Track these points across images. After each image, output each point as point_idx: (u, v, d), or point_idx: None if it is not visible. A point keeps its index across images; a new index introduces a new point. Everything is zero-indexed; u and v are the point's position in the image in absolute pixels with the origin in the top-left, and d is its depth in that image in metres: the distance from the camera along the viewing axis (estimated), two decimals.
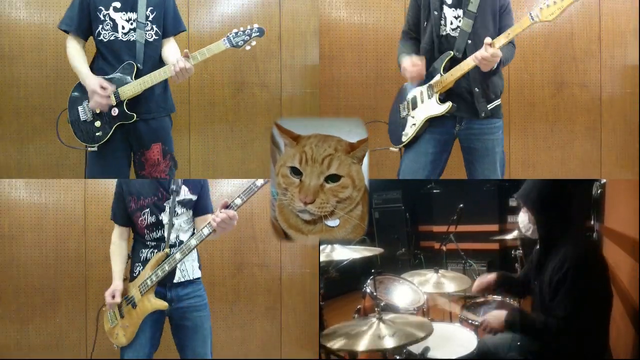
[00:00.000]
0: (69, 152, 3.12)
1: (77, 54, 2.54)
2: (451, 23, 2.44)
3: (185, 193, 2.32)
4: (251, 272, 3.20)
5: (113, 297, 2.24)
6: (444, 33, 2.45)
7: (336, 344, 1.94)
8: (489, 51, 2.27)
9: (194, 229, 2.36)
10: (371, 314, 2.22)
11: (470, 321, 2.15)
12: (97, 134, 2.49)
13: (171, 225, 2.26)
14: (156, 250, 2.26)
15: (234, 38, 2.47)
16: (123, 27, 2.50)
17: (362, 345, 1.91)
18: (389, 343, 1.90)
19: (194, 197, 2.33)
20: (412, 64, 2.45)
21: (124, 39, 2.51)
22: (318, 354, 2.18)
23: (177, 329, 2.30)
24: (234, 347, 3.18)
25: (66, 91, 2.50)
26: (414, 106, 2.53)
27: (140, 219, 2.29)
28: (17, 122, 3.11)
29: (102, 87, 2.43)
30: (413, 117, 2.53)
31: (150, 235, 2.28)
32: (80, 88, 2.51)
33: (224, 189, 3.20)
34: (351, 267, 2.76)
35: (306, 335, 3.20)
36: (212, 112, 3.23)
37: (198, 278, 2.33)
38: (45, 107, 3.09)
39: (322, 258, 2.67)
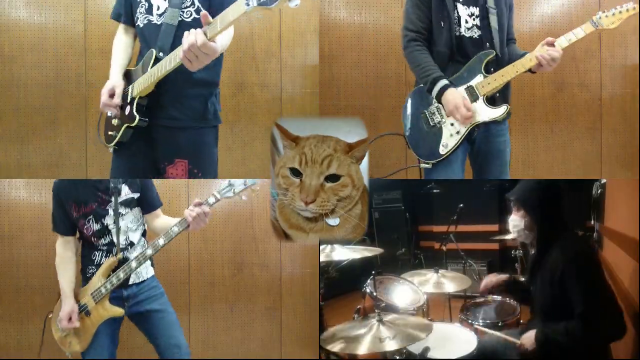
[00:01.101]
0: (69, 151, 3.13)
1: (116, 47, 2.17)
2: (466, 22, 2.30)
3: (126, 193, 2.16)
4: (251, 272, 3.19)
5: (70, 319, 2.10)
6: (459, 34, 2.29)
7: (335, 347, 1.93)
8: (558, 51, 2.22)
9: (144, 227, 2.25)
10: (371, 314, 2.22)
11: (472, 321, 2.14)
12: (109, 132, 2.18)
13: (118, 229, 2.12)
14: (110, 254, 2.16)
15: None
16: (158, 8, 2.04)
17: (362, 349, 1.91)
18: (389, 346, 1.90)
19: (136, 196, 2.18)
20: (466, 108, 2.20)
21: (158, 22, 2.04)
22: (318, 354, 2.18)
23: (143, 321, 2.21)
24: (234, 347, 3.18)
25: (66, 91, 2.39)
26: None
27: (86, 227, 2.14)
28: (17, 122, 3.11)
29: (110, 95, 2.09)
30: (453, 125, 2.26)
31: (99, 242, 2.16)
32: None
33: None
34: (351, 267, 2.76)
35: (306, 335, 3.20)
36: None
37: (152, 276, 2.26)
38: (45, 107, 3.08)
39: (322, 258, 2.67)
